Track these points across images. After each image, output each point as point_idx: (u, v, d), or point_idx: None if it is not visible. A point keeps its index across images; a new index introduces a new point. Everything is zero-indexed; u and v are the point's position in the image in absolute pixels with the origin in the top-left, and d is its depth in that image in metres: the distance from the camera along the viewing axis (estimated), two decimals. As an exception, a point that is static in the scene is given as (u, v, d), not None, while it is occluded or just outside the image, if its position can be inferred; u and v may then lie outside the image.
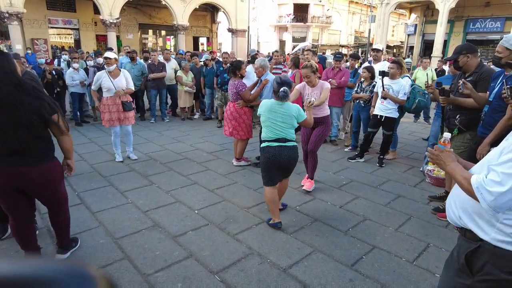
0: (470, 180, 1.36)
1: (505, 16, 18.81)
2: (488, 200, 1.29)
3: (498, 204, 1.27)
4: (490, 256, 1.38)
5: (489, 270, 1.38)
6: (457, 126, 3.51)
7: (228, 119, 5.04)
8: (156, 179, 4.52)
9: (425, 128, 8.02)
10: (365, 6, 36.21)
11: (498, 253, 1.35)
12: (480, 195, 1.31)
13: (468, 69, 3.46)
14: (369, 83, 5.60)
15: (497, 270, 1.36)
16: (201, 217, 3.52)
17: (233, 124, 4.98)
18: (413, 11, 24.53)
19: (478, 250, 1.41)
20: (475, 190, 1.33)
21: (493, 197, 1.27)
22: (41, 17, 17.67)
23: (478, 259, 1.41)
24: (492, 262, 1.37)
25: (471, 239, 1.45)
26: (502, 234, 1.34)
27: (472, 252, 1.43)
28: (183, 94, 8.14)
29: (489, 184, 1.29)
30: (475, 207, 1.41)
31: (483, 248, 1.39)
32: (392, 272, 2.68)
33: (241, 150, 5.09)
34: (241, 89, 4.87)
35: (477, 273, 1.42)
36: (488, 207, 1.30)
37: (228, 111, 5.05)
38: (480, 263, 1.40)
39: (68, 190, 4.03)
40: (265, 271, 2.65)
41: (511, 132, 1.42)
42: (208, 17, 24.76)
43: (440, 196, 4.01)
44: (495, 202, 1.27)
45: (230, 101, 5.12)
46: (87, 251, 2.89)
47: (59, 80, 7.34)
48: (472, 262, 1.44)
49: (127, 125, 5.14)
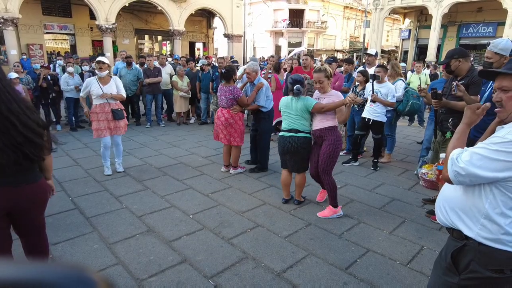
0: (453, 150, 1.44)
1: (497, 21, 19.07)
2: (455, 171, 1.37)
3: (461, 177, 1.36)
4: (475, 254, 1.41)
5: (474, 268, 1.41)
6: (450, 129, 3.55)
7: (223, 126, 4.80)
8: (151, 184, 4.51)
9: (419, 131, 8.08)
10: (359, 11, 36.60)
11: (482, 251, 1.39)
12: (450, 165, 1.39)
13: (460, 73, 3.51)
14: (363, 87, 5.65)
15: (482, 268, 1.39)
16: (196, 221, 3.51)
17: (229, 131, 4.80)
18: (407, 16, 24.81)
19: (463, 249, 1.45)
20: (449, 160, 1.41)
21: (462, 172, 1.35)
22: (36, 22, 17.62)
23: (464, 258, 1.45)
24: (477, 260, 1.40)
25: (457, 238, 1.48)
26: (486, 231, 1.38)
27: (458, 251, 1.46)
28: (178, 99, 8.15)
29: (461, 159, 1.37)
30: (461, 205, 1.46)
31: (468, 246, 1.43)
32: (386, 275, 2.68)
33: (237, 158, 4.96)
34: (238, 95, 4.74)
35: (463, 271, 1.45)
36: (452, 176, 1.38)
37: (222, 118, 4.80)
38: (466, 261, 1.44)
39: (62, 196, 4.06)
40: (259, 275, 2.65)
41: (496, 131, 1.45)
42: (204, 22, 24.85)
43: (434, 199, 4.03)
44: (459, 175, 1.36)
45: (222, 107, 4.86)
46: (81, 256, 2.87)
47: (54, 86, 7.33)
48: (458, 261, 1.47)
49: (117, 135, 4.79)
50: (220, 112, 4.88)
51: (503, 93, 1.43)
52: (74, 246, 3.01)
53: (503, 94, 1.43)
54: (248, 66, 5.06)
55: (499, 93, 1.45)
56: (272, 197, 4.14)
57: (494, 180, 1.33)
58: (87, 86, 4.67)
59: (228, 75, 4.79)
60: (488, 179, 1.33)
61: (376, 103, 5.06)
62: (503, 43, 3.24)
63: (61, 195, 4.04)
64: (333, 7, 35.66)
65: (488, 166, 1.31)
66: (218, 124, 4.90)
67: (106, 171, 4.86)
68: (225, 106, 4.82)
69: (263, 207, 3.88)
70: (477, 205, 1.40)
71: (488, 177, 1.32)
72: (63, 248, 2.97)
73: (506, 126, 1.40)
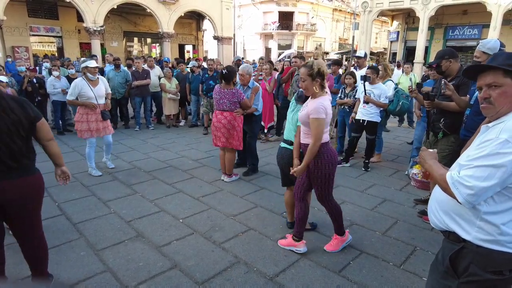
0: (446, 177, 1.38)
1: (482, 24, 19.48)
2: (465, 194, 1.31)
3: (474, 197, 1.30)
4: (473, 257, 1.38)
5: (473, 271, 1.38)
6: (441, 129, 3.56)
7: (225, 129, 4.53)
8: (140, 188, 4.41)
9: (409, 132, 8.14)
10: (348, 13, 36.95)
11: (481, 253, 1.36)
12: (456, 190, 1.33)
13: (450, 73, 3.52)
14: (352, 88, 5.68)
15: (481, 270, 1.36)
16: (186, 226, 3.44)
17: (232, 133, 4.57)
18: (395, 18, 25.17)
19: (461, 251, 1.42)
20: (450, 186, 1.35)
21: (470, 191, 1.29)
22: (22, 24, 17.27)
23: (462, 261, 1.42)
24: (476, 262, 1.38)
25: (454, 241, 1.45)
26: (483, 233, 1.35)
27: (456, 254, 1.43)
28: (167, 101, 8.06)
29: (464, 178, 1.32)
30: (455, 208, 1.43)
31: (467, 249, 1.40)
32: (380, 277, 2.66)
33: (232, 164, 4.78)
34: (242, 98, 4.52)
35: (462, 274, 1.42)
36: (464, 201, 1.32)
37: (224, 120, 4.53)
38: (465, 264, 1.41)
39: (47, 201, 3.93)
40: (252, 280, 2.59)
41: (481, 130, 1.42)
42: (193, 24, 24.73)
43: (425, 199, 4.04)
44: (472, 196, 1.30)
45: (221, 110, 4.57)
46: (67, 264, 2.77)
47: (40, 89, 7.16)
48: (456, 264, 1.44)
49: (108, 134, 4.99)
50: (220, 115, 4.58)
51: (492, 90, 1.37)
52: (60, 253, 2.91)
53: (492, 90, 1.37)
54: (242, 68, 4.90)
55: (487, 90, 1.40)
56: (263, 200, 4.09)
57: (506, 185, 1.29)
58: (76, 87, 4.69)
59: (229, 77, 4.47)
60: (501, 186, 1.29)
61: (369, 104, 5.07)
62: (491, 43, 3.26)
63: (46, 201, 3.89)
64: (322, 9, 35.94)
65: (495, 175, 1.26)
66: (218, 128, 4.59)
67: (94, 173, 4.88)
68: (227, 109, 4.54)
69: (255, 210, 3.83)
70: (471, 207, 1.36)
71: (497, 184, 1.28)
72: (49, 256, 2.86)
73: (493, 125, 1.36)
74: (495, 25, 17.28)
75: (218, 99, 4.59)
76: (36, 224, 2.34)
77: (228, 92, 4.51)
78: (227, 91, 4.51)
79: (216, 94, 4.62)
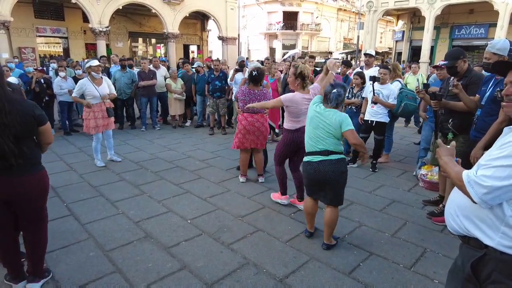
0: (462, 175, 1.36)
1: (488, 23, 19.25)
2: (480, 193, 1.28)
3: (489, 196, 1.27)
4: (496, 264, 1.33)
5: (496, 278, 1.33)
6: (450, 130, 3.52)
7: (259, 131, 4.51)
8: (148, 189, 4.42)
9: (416, 132, 8.08)
10: (353, 13, 36.84)
11: (505, 260, 1.31)
12: (472, 189, 1.31)
13: (460, 73, 3.48)
14: (360, 89, 5.64)
15: (506, 278, 1.31)
16: (194, 226, 3.44)
17: (264, 134, 4.61)
18: (400, 18, 24.98)
19: (484, 258, 1.36)
20: (466, 185, 1.33)
21: (486, 190, 1.27)
22: (28, 25, 17.40)
23: (485, 268, 1.36)
24: (499, 270, 1.32)
25: (475, 247, 1.40)
26: (507, 239, 1.30)
27: (478, 261, 1.38)
28: (173, 101, 8.07)
29: (481, 178, 1.29)
30: (478, 213, 1.37)
31: (489, 255, 1.35)
32: (391, 279, 2.63)
33: (263, 163, 4.81)
34: (270, 98, 4.54)
35: (484, 282, 1.37)
36: (480, 200, 1.29)
37: (257, 124, 4.48)
38: (487, 272, 1.35)
39: (56, 201, 3.96)
40: (261, 282, 2.58)
41: (503, 131, 1.40)
42: (198, 25, 24.77)
43: (434, 200, 4.01)
44: (487, 195, 1.27)
45: (251, 113, 4.48)
46: (76, 264, 2.78)
47: (47, 89, 7.20)
48: (478, 271, 1.39)
49: (109, 129, 5.46)
50: (251, 118, 4.49)
51: None
52: (70, 253, 2.92)
53: None
54: (251, 66, 4.91)
55: (510, 87, 1.38)
56: (271, 201, 4.08)
57: None
58: (81, 87, 5.14)
59: (258, 78, 4.49)
60: None
61: (377, 104, 5.03)
62: (500, 43, 3.21)
63: (55, 201, 3.94)
64: (327, 9, 35.85)
65: None
66: (251, 131, 4.49)
67: (99, 163, 5.30)
68: (257, 111, 4.49)
69: (263, 211, 3.82)
70: (495, 212, 1.31)
71: None
72: (58, 256, 2.88)
73: None
74: (502, 24, 17.07)
75: (247, 100, 4.46)
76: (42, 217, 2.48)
77: (259, 93, 4.52)
78: (258, 92, 4.52)
79: (244, 95, 4.52)
